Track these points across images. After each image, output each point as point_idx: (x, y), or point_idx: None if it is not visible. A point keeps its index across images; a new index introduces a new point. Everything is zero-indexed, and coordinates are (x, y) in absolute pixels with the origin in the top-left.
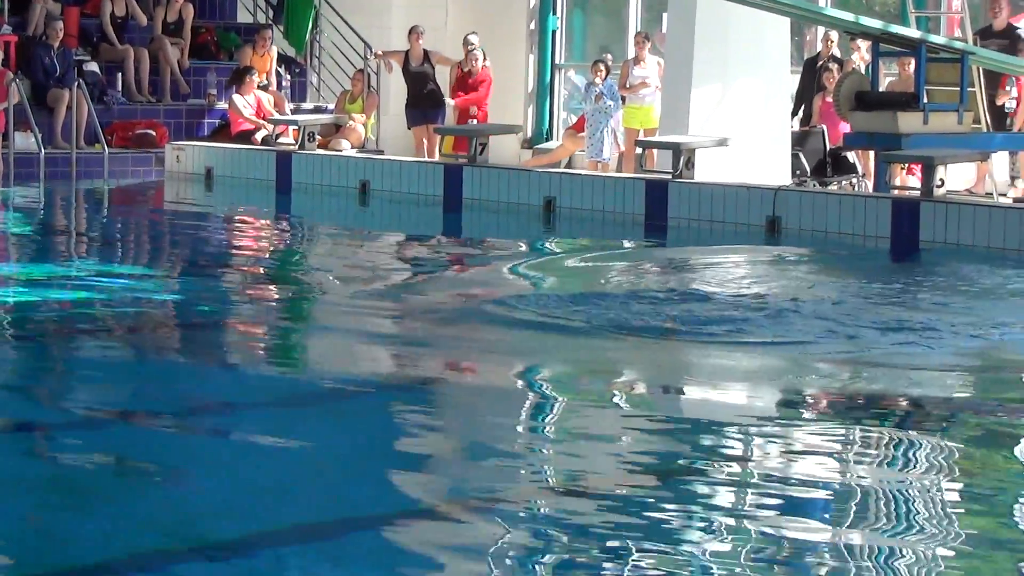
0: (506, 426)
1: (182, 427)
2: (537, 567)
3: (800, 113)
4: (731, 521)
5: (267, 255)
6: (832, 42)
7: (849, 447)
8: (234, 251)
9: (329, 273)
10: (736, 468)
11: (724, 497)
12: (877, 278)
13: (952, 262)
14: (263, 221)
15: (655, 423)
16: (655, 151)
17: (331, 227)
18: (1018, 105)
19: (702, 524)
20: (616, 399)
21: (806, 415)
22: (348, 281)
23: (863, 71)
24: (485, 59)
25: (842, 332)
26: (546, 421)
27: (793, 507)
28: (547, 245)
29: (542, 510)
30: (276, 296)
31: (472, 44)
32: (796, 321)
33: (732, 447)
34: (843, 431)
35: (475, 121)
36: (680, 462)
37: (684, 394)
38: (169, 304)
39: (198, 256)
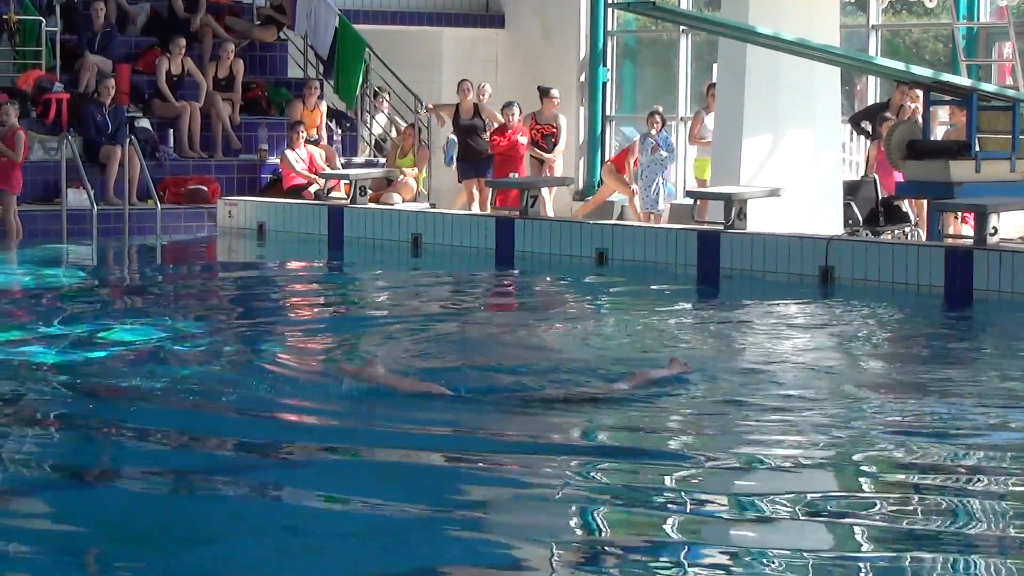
0: (546, 494)
1: (223, 485)
2: None
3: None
4: None
5: (318, 310)
6: (905, 93)
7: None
8: (287, 307)
9: (379, 329)
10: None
11: None
12: (929, 334)
13: (1006, 312)
14: (315, 276)
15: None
16: (707, 202)
17: (383, 282)
18: None
19: None
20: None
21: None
22: (397, 339)
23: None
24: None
25: (893, 398)
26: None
27: None
28: (599, 299)
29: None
30: (324, 354)
31: (556, 97)
32: (843, 388)
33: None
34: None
35: (516, 174)
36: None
37: (734, 471)
38: (221, 360)
39: (251, 312)
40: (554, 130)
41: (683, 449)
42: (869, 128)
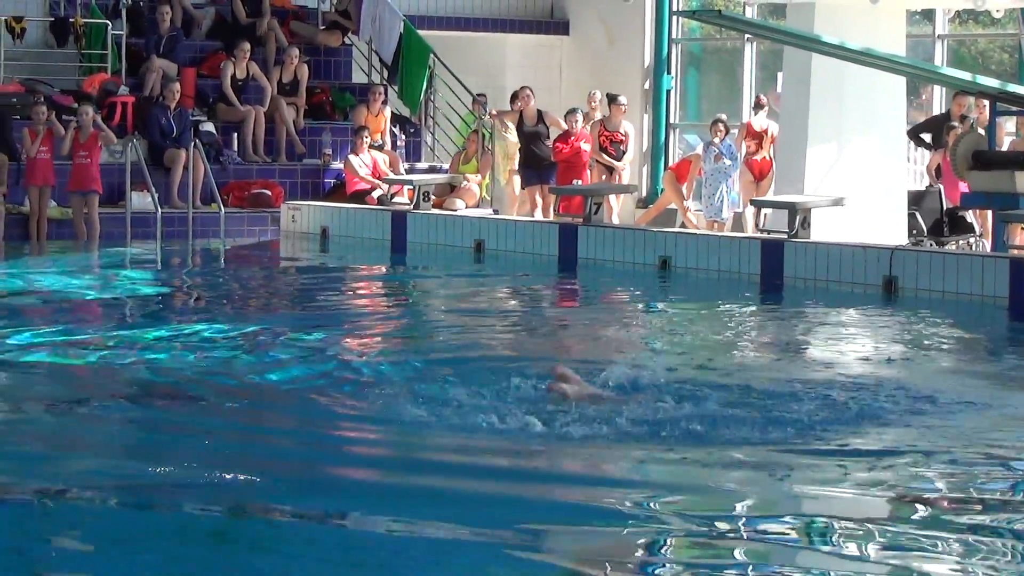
0: (607, 514)
1: (290, 491)
2: None
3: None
4: None
5: (384, 317)
6: (962, 106)
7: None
8: (353, 313)
9: (444, 338)
10: None
11: None
12: (993, 346)
13: None
14: (379, 281)
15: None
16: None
17: (446, 289)
18: None
19: None
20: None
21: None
22: (464, 348)
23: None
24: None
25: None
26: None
27: None
28: (660, 307)
29: None
30: (391, 363)
31: (623, 103)
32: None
33: None
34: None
35: (579, 181)
36: None
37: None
38: (287, 368)
39: (317, 319)
40: (623, 137)
41: (741, 461)
42: (928, 140)
